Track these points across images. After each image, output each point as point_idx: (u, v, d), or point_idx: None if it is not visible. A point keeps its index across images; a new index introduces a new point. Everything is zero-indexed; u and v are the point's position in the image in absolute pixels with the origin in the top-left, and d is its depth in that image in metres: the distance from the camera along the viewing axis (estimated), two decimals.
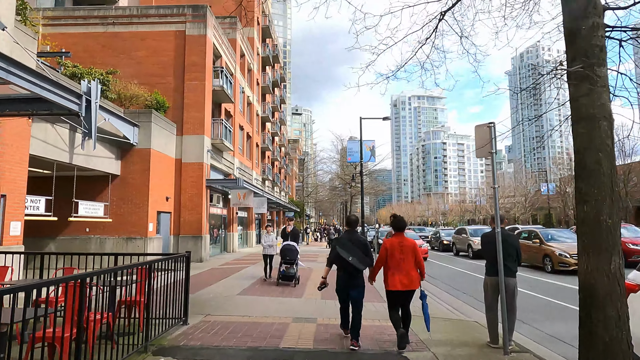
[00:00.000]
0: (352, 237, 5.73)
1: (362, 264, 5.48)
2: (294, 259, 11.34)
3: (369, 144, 27.69)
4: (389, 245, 5.47)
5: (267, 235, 12.54)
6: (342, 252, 5.49)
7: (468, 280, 13.51)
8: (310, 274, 14.15)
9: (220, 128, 20.67)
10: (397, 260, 5.36)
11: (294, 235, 12.28)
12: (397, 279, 5.31)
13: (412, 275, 5.37)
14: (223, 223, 24.14)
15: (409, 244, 5.48)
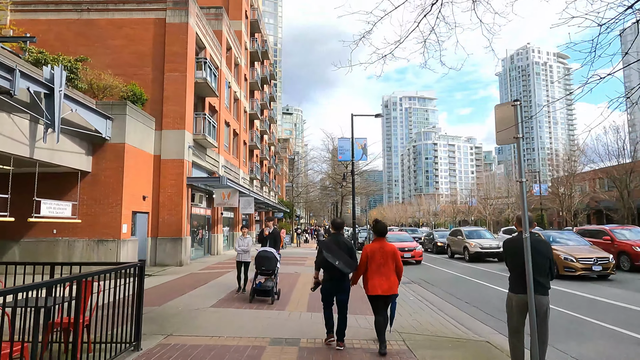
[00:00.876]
0: (338, 240, 5.76)
1: (349, 267, 5.53)
2: (272, 269, 9.13)
3: (360, 142, 26.60)
4: (369, 251, 5.53)
5: (241, 239, 10.51)
6: (328, 256, 5.50)
7: (468, 286, 12.47)
8: (296, 280, 13.00)
9: (203, 123, 19.42)
10: (377, 265, 5.43)
11: (274, 238, 10.49)
12: (377, 284, 5.38)
13: (392, 280, 5.45)
14: (207, 224, 22.86)
15: (390, 249, 5.55)
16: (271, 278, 9.18)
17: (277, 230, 10.80)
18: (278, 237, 10.69)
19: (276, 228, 10.87)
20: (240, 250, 10.35)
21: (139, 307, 5.22)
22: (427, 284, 13.16)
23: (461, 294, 11.12)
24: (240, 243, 10.40)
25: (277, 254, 9.43)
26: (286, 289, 11.18)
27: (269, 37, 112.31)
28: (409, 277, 14.67)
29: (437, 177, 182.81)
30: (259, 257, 9.15)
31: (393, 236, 21.53)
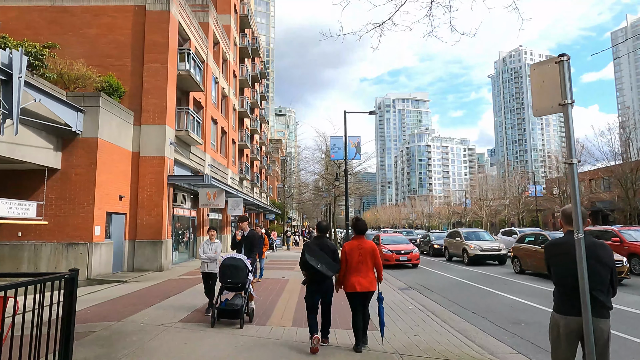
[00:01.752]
0: (321, 243, 5.77)
1: (331, 270, 5.55)
2: (241, 281, 6.95)
3: (354, 140, 25.51)
4: (347, 249, 5.57)
5: (207, 244, 8.08)
6: (311, 259, 5.49)
7: (471, 293, 11.40)
8: (284, 286, 11.85)
9: (186, 118, 18.23)
10: (356, 263, 5.48)
11: (250, 243, 8.13)
12: (355, 281, 5.43)
13: (371, 277, 5.50)
14: (192, 226, 21.63)
15: (368, 247, 5.57)
16: (240, 294, 7.08)
17: (254, 232, 8.40)
18: (256, 242, 8.28)
19: (253, 230, 8.50)
20: (205, 258, 7.97)
21: (68, 330, 4.05)
22: (426, 290, 12.08)
23: (465, 301, 10.04)
24: (206, 249, 8.03)
25: (248, 263, 7.14)
26: (272, 297, 10.04)
27: (261, 37, 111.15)
28: (406, 282, 13.59)
29: (431, 178, 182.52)
30: (224, 266, 7.02)
31: (388, 238, 20.49)
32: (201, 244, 8.13)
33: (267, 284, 12.30)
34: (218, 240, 8.37)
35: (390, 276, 15.47)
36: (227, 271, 6.95)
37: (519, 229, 23.95)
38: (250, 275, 7.23)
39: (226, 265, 7.01)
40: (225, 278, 6.95)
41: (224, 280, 6.98)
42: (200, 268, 8.11)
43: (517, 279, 13.83)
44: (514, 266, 15.58)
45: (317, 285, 5.64)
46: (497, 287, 12.06)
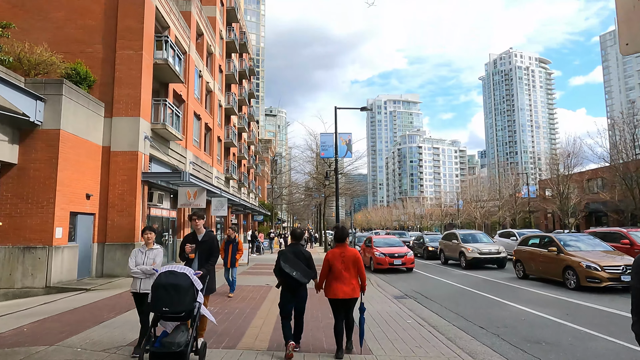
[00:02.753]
0: (296, 250, 5.75)
1: (306, 277, 5.52)
2: (185, 308, 4.70)
3: (345, 137, 24.30)
4: (330, 256, 5.59)
5: (143, 251, 5.67)
6: (285, 266, 5.49)
7: (475, 302, 10.21)
8: (265, 295, 10.56)
9: (164, 111, 16.83)
10: (339, 270, 5.49)
11: (209, 250, 5.84)
12: (339, 288, 5.44)
13: (354, 285, 5.49)
14: (172, 227, 20.20)
15: (350, 255, 5.58)
16: (185, 326, 4.81)
17: (211, 235, 6.09)
18: (214, 248, 5.93)
19: (210, 231, 6.14)
20: (137, 272, 5.48)
21: None
22: (424, 298, 10.87)
23: (470, 313, 8.84)
24: (139, 259, 5.56)
25: (196, 279, 4.86)
26: (249, 309, 8.74)
27: (251, 35, 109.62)
28: (401, 289, 12.38)
29: (422, 180, 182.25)
30: (158, 287, 4.66)
31: (381, 240, 19.29)
32: (132, 252, 5.69)
33: (247, 292, 10.99)
34: (158, 246, 5.80)
35: (384, 282, 14.26)
36: (162, 294, 4.56)
37: (518, 231, 22.91)
38: (201, 296, 4.89)
39: (161, 285, 4.60)
40: (159, 304, 4.56)
41: (157, 308, 4.60)
42: (132, 286, 5.61)
43: (522, 285, 12.69)
44: (516, 271, 14.46)
45: (291, 292, 5.63)
46: (503, 295, 10.89)
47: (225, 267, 10.88)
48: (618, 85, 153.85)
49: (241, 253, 11.28)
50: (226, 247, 10.93)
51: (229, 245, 10.96)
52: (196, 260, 5.81)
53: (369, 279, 14.24)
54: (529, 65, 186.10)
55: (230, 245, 10.97)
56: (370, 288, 12.12)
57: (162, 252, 5.85)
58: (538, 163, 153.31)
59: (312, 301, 6.97)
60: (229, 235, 11.13)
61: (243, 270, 16.69)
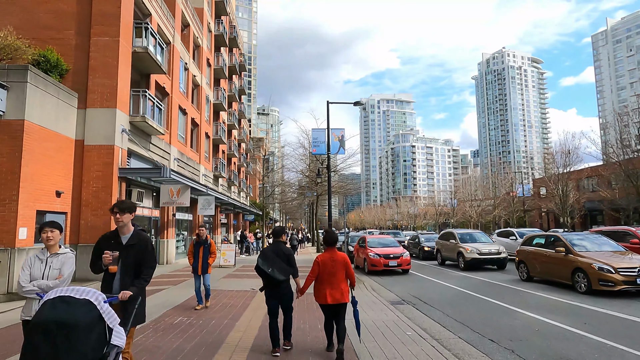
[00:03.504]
0: (276, 249, 5.79)
1: (283, 274, 5.53)
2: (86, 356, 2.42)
3: (337, 133, 23.29)
4: (320, 260, 5.56)
5: (42, 257, 3.86)
6: (263, 264, 5.54)
7: (481, 309, 9.28)
8: (249, 301, 9.55)
9: (143, 103, 15.74)
10: (328, 275, 5.48)
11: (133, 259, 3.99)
12: (328, 293, 5.41)
13: (343, 289, 5.49)
14: (154, 227, 19.10)
15: (340, 259, 5.57)
16: None
17: (142, 236, 4.21)
18: (149, 255, 4.13)
19: (141, 232, 4.29)
20: (33, 291, 3.66)
21: None
22: (423, 304, 9.92)
23: (477, 322, 7.90)
24: (36, 270, 3.79)
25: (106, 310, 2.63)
26: (227, 320, 7.72)
27: (243, 33, 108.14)
28: (398, 294, 11.43)
29: (415, 179, 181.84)
30: (35, 328, 2.45)
31: (375, 240, 18.35)
32: (26, 260, 3.87)
33: (228, 299, 9.96)
34: (67, 250, 4.02)
35: (379, 285, 13.31)
36: (40, 343, 2.40)
37: (517, 230, 22.08)
38: (120, 334, 2.69)
39: (41, 325, 2.45)
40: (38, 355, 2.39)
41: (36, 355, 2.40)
42: (23, 312, 3.74)
43: (527, 288, 11.80)
44: (519, 272, 13.58)
45: (271, 289, 5.66)
46: (509, 300, 9.97)
47: (195, 274, 8.86)
48: (610, 84, 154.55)
49: (214, 257, 9.00)
50: (195, 250, 8.89)
51: (198, 248, 8.86)
52: (119, 275, 3.93)
53: (362, 281, 13.30)
54: (522, 64, 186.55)
55: (201, 247, 8.84)
56: (365, 292, 11.16)
57: (73, 258, 3.94)
58: (531, 162, 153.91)
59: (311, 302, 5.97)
60: (199, 235, 8.94)
61: (228, 273, 15.65)
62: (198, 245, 8.87)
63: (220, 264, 17.70)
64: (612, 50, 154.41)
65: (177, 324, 7.43)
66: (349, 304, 5.58)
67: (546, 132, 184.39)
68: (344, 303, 5.46)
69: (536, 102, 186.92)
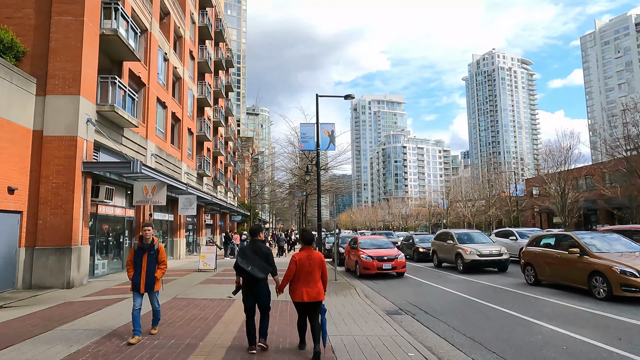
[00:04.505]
0: (255, 247, 5.72)
1: (262, 272, 5.56)
2: None
3: (327, 128, 22.01)
4: (297, 259, 5.58)
5: None
6: (241, 262, 5.53)
7: (489, 319, 8.04)
8: (221, 314, 8.18)
9: (113, 91, 14.26)
10: (305, 273, 5.52)
11: None
12: (304, 291, 5.44)
13: (319, 288, 5.53)
14: (128, 228, 17.62)
15: (317, 258, 5.63)
16: None
17: None
18: None
19: None
20: None
21: None
22: (424, 314, 8.65)
23: (489, 337, 6.65)
24: None
25: None
26: (191, 336, 6.34)
27: (232, 30, 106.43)
28: (394, 301, 10.15)
29: (407, 180, 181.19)
30: None
31: (367, 242, 17.05)
32: None
33: (199, 310, 8.57)
34: None
35: (372, 290, 12.04)
36: None
37: (517, 230, 20.96)
38: None
39: None
40: None
41: None
42: None
43: (537, 293, 10.61)
44: (525, 276, 12.40)
45: (250, 288, 5.64)
46: (520, 309, 8.75)
47: (136, 292, 6.25)
48: (598, 86, 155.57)
49: (164, 269, 6.44)
50: (137, 258, 6.31)
51: (141, 256, 6.29)
52: None
53: (354, 287, 12.04)
54: (511, 66, 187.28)
55: (145, 255, 6.29)
56: (356, 299, 9.88)
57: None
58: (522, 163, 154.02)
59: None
60: (143, 238, 6.36)
61: (207, 278, 14.24)
62: (141, 252, 6.32)
63: (200, 268, 16.27)
64: (600, 51, 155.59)
65: (117, 350, 6.04)
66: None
67: (536, 133, 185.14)
68: (320, 301, 5.51)
69: (526, 103, 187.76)
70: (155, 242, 6.44)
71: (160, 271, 6.43)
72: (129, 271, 6.37)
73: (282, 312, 8.26)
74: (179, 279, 14.03)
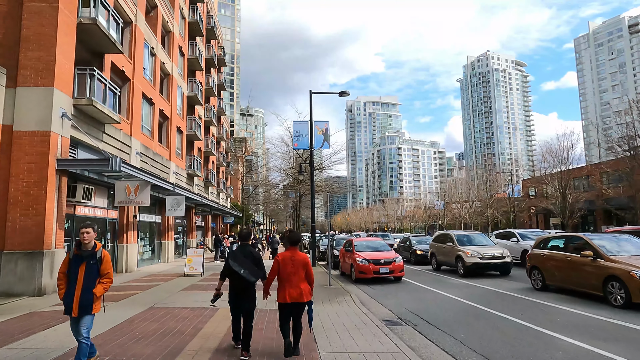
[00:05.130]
0: (245, 251, 5.65)
1: (254, 276, 5.52)
2: None
3: (320, 126, 21.23)
4: (281, 259, 5.56)
5: None
6: (234, 265, 5.49)
7: (500, 330, 7.23)
8: (200, 327, 7.30)
9: (91, 83, 13.34)
10: (288, 274, 5.47)
11: None
12: (287, 292, 5.40)
13: (303, 289, 5.46)
14: (111, 231, 16.67)
15: (300, 259, 5.56)
16: None
17: None
18: None
19: None
20: None
21: None
22: (427, 325, 7.83)
23: (504, 354, 5.82)
24: None
25: None
26: (167, 350, 5.46)
27: (226, 30, 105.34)
28: (393, 309, 9.31)
29: (402, 181, 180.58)
30: None
31: (363, 244, 16.18)
32: None
33: (176, 322, 7.67)
34: None
35: (368, 296, 11.21)
36: None
37: (519, 231, 20.21)
38: None
39: None
40: None
41: None
42: None
43: (547, 299, 9.82)
44: (532, 280, 11.62)
45: (240, 291, 5.59)
46: (532, 318, 7.94)
47: (70, 316, 4.83)
48: (592, 87, 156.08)
49: (107, 284, 4.93)
50: (72, 269, 4.84)
51: (77, 267, 4.81)
52: None
53: (349, 292, 11.20)
54: (506, 67, 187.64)
55: (83, 265, 4.81)
56: (352, 307, 9.04)
57: None
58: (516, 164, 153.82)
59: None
60: (82, 244, 4.87)
61: (192, 284, 13.32)
62: (77, 261, 4.83)
63: (186, 273, 15.34)
64: (594, 53, 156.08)
65: None
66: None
67: (530, 134, 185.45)
68: (303, 303, 5.44)
69: (520, 105, 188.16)
70: (98, 249, 4.92)
71: (102, 287, 4.86)
72: (60, 287, 4.87)
73: (269, 322, 7.41)
74: (161, 284, 13.11)
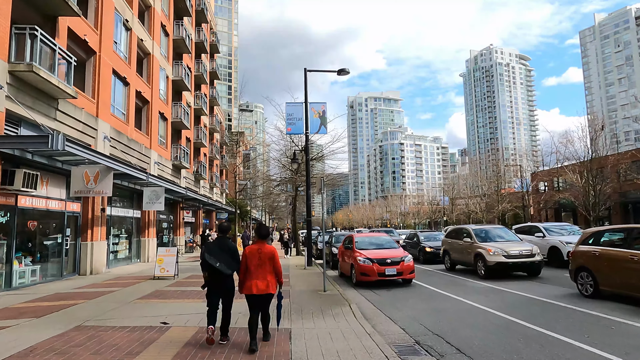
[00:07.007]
0: (221, 244, 5.80)
1: (229, 268, 5.62)
2: None
3: (317, 108, 18.87)
4: (248, 252, 5.65)
5: None
6: (209, 258, 5.59)
7: (559, 355, 4.89)
8: (138, 354, 4.96)
9: (35, 46, 10.97)
10: (255, 266, 5.55)
11: None
12: (254, 284, 5.49)
13: (269, 281, 5.56)
14: (72, 226, 14.37)
15: (268, 251, 5.64)
16: None
17: None
18: None
19: None
20: None
21: None
22: (455, 351, 5.48)
23: None
24: None
25: None
26: None
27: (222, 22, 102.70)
28: (405, 325, 6.94)
29: (404, 177, 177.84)
30: None
31: (365, 240, 13.74)
32: None
33: (96, 353, 5.32)
34: None
35: (373, 306, 8.86)
36: None
37: (544, 225, 17.78)
38: None
39: None
40: None
41: None
42: None
43: (610, 312, 7.46)
44: (579, 285, 9.25)
45: (217, 284, 5.67)
46: (604, 341, 5.59)
47: None
48: (598, 81, 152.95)
49: None
50: None
51: None
52: None
53: (349, 300, 8.84)
54: (509, 61, 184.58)
55: None
56: (351, 324, 6.69)
57: None
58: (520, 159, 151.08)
59: None
60: None
61: (156, 289, 10.94)
62: None
63: (155, 275, 12.98)
64: (600, 46, 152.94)
65: None
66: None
67: (534, 129, 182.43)
68: (270, 294, 5.52)
69: (524, 100, 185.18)
70: None
71: None
72: None
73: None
74: (118, 291, 10.76)
